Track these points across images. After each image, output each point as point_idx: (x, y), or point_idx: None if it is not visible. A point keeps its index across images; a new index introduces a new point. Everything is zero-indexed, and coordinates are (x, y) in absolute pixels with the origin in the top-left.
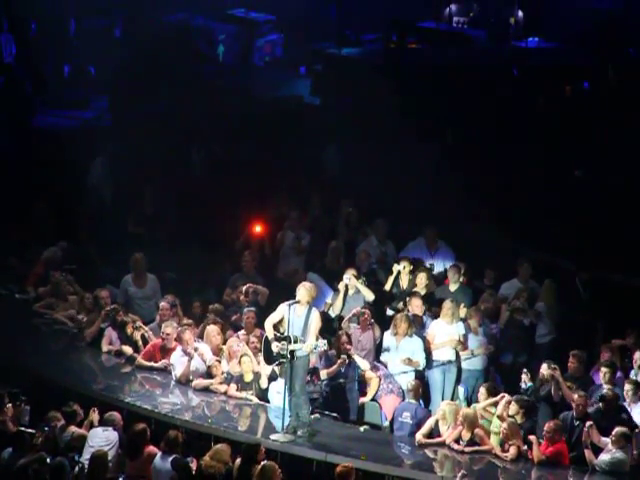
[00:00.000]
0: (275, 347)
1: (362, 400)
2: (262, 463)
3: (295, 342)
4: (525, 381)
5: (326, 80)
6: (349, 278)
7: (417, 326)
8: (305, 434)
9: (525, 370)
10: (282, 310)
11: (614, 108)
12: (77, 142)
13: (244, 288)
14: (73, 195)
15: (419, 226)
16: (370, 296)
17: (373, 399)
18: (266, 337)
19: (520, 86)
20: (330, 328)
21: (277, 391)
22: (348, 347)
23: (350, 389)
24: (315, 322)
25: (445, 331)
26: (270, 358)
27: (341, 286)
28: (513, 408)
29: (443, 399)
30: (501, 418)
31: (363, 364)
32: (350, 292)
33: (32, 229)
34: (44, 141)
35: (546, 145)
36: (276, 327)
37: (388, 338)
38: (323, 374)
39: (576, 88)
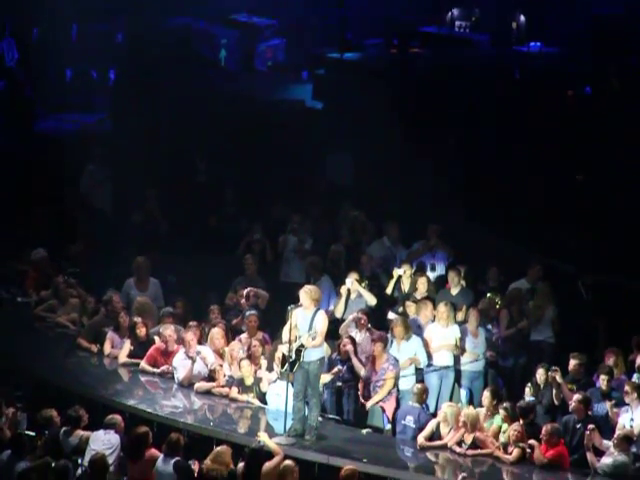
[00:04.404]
0: (285, 350)
1: (370, 402)
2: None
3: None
4: (528, 395)
5: (328, 85)
6: (351, 282)
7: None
8: (312, 438)
9: (529, 384)
10: (289, 315)
11: (616, 113)
12: (78, 146)
13: (245, 292)
14: (73, 199)
15: (421, 228)
16: (372, 300)
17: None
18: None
19: (522, 90)
20: (333, 332)
21: (276, 393)
22: (345, 350)
23: (349, 392)
24: (320, 323)
25: (441, 334)
26: (283, 363)
27: (343, 290)
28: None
29: (438, 403)
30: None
31: (359, 368)
32: (352, 296)
33: (32, 232)
34: (45, 145)
35: (548, 149)
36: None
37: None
38: (322, 378)
39: (578, 93)
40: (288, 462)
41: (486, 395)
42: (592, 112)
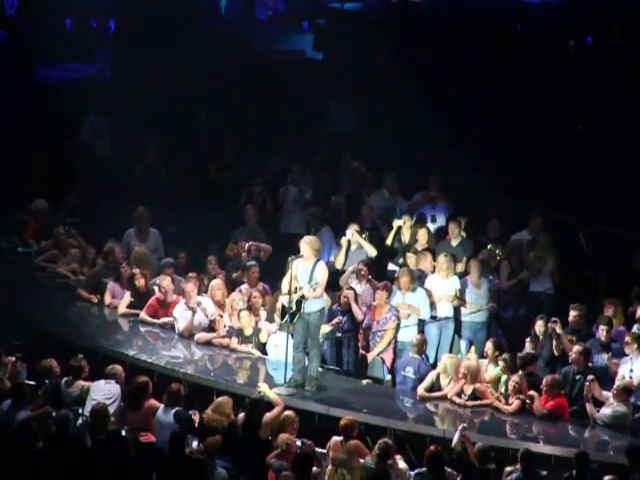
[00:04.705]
0: (285, 301)
1: (371, 353)
2: (284, 413)
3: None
4: (528, 349)
5: (328, 35)
6: (352, 233)
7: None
8: (312, 389)
9: (529, 338)
10: (289, 266)
11: (617, 63)
12: (78, 96)
13: (246, 246)
14: (72, 148)
15: (421, 179)
16: (372, 251)
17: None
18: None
19: (523, 41)
20: (333, 283)
21: (275, 344)
22: (346, 300)
23: (349, 343)
24: (320, 273)
25: (441, 286)
26: (282, 313)
27: (343, 241)
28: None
29: (438, 354)
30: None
31: (358, 315)
32: (352, 247)
33: (32, 181)
34: (45, 94)
35: (549, 100)
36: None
37: (396, 294)
38: (322, 328)
39: (579, 43)
40: (288, 412)
41: (489, 346)
42: (593, 62)
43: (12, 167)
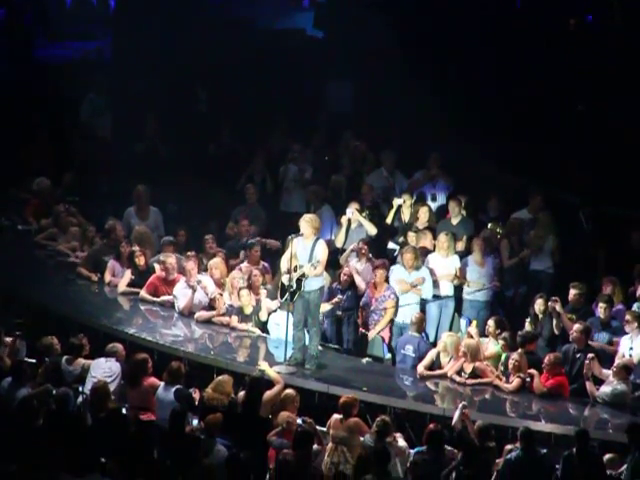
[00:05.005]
0: (285, 279)
1: (372, 332)
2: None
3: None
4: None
5: (329, 13)
6: (352, 212)
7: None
8: (313, 367)
9: (528, 320)
10: (289, 244)
11: (618, 41)
12: (78, 74)
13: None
14: (73, 127)
15: (422, 157)
16: (373, 230)
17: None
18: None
19: (523, 19)
20: (333, 262)
21: (276, 323)
22: (346, 279)
23: (349, 322)
24: (321, 252)
25: (441, 265)
26: (282, 292)
27: (344, 220)
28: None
29: (438, 333)
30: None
31: (361, 285)
32: (353, 226)
33: (33, 160)
34: (45, 73)
35: (549, 79)
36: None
37: (399, 271)
38: (322, 307)
39: (580, 21)
40: (289, 391)
41: (490, 324)
42: (594, 41)
43: (12, 146)
